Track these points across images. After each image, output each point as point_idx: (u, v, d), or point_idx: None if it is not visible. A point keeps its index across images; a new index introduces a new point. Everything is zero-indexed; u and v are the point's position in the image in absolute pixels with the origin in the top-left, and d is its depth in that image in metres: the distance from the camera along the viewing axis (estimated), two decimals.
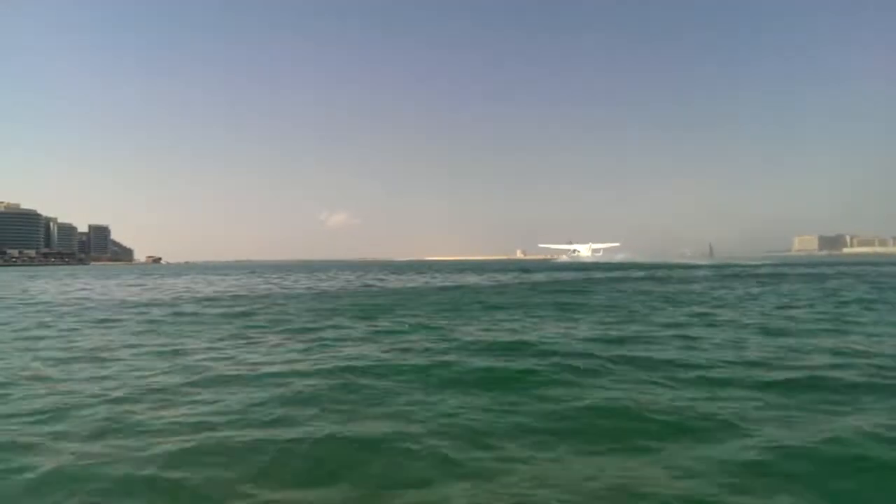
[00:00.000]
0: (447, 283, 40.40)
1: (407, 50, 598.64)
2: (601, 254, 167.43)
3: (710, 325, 15.77)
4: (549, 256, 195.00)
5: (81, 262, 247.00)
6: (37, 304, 26.84)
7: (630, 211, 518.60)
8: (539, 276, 51.88)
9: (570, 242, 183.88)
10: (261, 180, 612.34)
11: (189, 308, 23.12)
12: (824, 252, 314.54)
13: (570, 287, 34.71)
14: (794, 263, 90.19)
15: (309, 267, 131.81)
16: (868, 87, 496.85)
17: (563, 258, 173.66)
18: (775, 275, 48.58)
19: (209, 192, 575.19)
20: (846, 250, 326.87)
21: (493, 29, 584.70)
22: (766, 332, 14.11)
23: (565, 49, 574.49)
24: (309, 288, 37.00)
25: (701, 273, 55.83)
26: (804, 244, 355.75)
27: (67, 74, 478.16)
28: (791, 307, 20.59)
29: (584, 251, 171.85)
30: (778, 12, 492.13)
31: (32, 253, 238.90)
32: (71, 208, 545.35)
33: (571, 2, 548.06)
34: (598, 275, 54.40)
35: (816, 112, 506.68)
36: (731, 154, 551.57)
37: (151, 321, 18.18)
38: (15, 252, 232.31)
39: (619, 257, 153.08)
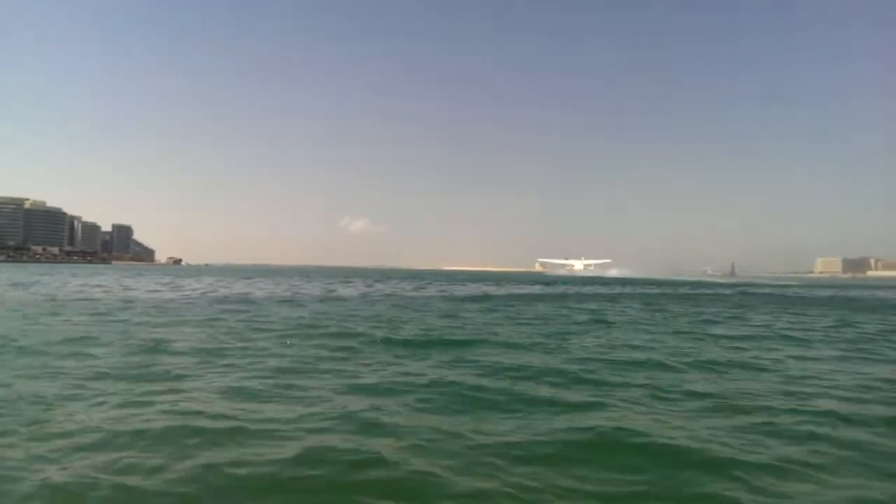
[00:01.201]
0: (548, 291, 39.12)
1: (431, 55, 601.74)
2: (592, 269, 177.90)
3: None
4: (546, 270, 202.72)
5: (104, 261, 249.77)
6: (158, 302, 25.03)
7: (645, 226, 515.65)
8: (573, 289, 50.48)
9: (566, 258, 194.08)
10: (281, 184, 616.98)
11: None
12: (848, 275, 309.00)
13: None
14: (834, 285, 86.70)
15: (343, 272, 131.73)
16: (893, 104, 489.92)
17: (561, 272, 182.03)
18: (821, 300, 42.79)
19: (229, 194, 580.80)
20: (870, 273, 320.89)
21: (522, 32, 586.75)
22: None
23: (597, 57, 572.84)
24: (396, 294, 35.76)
25: (727, 292, 53.51)
26: (827, 266, 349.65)
27: (96, 74, 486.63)
28: None
29: (578, 265, 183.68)
30: (806, 24, 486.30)
31: (56, 250, 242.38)
32: (95, 207, 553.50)
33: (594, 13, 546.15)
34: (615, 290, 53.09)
35: (841, 129, 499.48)
36: (754, 172, 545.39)
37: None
38: (39, 249, 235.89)
39: (612, 272, 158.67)
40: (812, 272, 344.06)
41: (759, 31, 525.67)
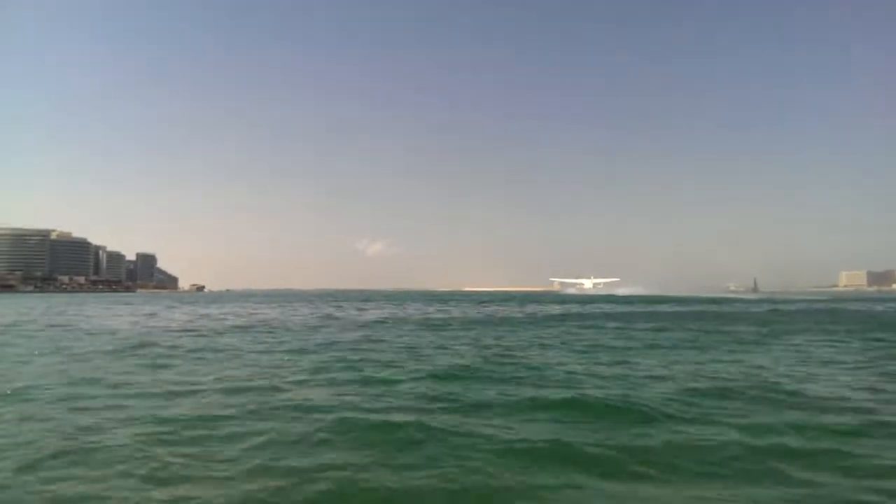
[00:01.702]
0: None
1: (446, 74, 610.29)
2: (601, 287, 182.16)
3: None
4: (556, 289, 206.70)
5: (128, 289, 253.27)
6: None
7: (658, 241, 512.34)
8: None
9: (578, 277, 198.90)
10: (300, 209, 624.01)
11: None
12: (873, 288, 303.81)
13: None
14: (864, 299, 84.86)
15: (370, 295, 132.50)
16: None
17: (571, 291, 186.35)
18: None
19: (248, 220, 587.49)
20: None
21: (534, 49, 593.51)
22: None
23: (606, 66, 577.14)
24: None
25: (757, 309, 51.59)
26: (852, 279, 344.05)
27: (118, 104, 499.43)
28: None
29: (588, 284, 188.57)
30: (825, 28, 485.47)
31: (82, 280, 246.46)
32: (119, 236, 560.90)
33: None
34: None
35: (864, 139, 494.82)
36: (771, 184, 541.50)
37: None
38: (65, 279, 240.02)
39: (621, 291, 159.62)
40: (836, 286, 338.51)
41: (775, 36, 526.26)
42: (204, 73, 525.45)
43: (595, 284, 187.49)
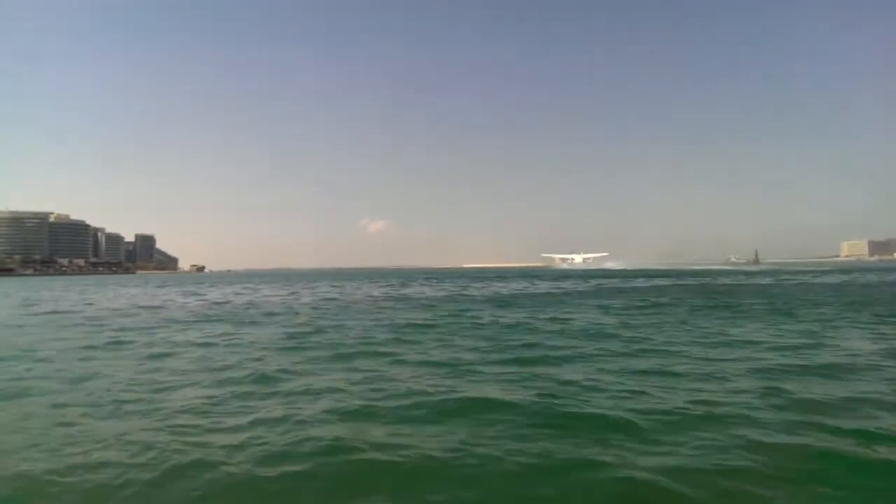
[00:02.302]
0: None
1: (444, 53, 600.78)
2: (591, 261, 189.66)
3: None
4: (552, 264, 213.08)
5: (128, 270, 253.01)
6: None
7: (655, 215, 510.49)
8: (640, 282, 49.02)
9: (571, 252, 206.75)
10: (301, 187, 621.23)
11: None
12: (875, 257, 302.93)
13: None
14: (874, 269, 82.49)
15: (379, 274, 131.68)
16: None
17: (563, 265, 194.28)
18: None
19: (249, 200, 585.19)
20: None
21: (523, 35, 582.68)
22: None
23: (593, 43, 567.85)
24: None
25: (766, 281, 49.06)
26: (853, 249, 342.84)
27: (114, 86, 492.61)
28: None
29: (578, 259, 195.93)
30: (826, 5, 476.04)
31: (81, 262, 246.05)
32: (118, 218, 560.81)
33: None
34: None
35: (864, 109, 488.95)
36: (772, 158, 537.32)
37: None
38: (65, 261, 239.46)
39: (609, 265, 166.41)
40: (838, 256, 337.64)
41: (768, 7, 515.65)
42: (204, 55, 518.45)
43: (585, 259, 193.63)
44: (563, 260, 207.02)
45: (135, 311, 25.93)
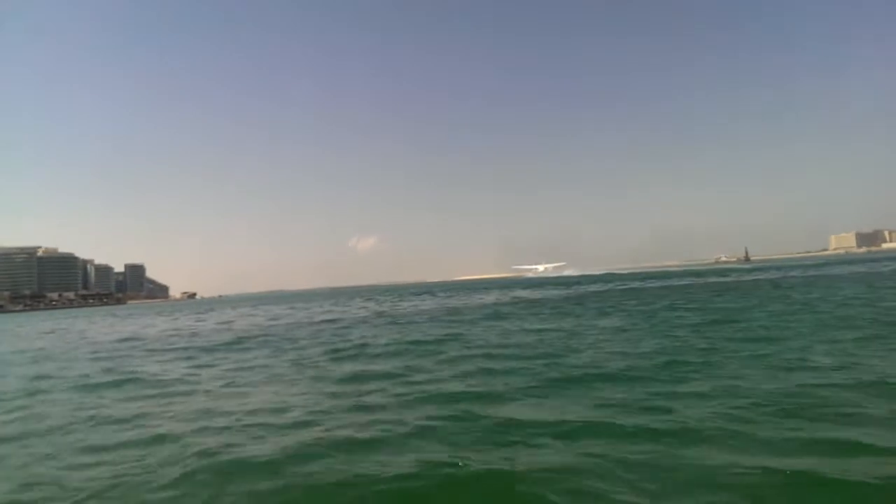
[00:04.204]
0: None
1: (433, 69, 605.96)
2: (551, 270, 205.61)
3: None
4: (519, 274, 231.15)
5: (119, 301, 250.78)
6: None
7: (645, 217, 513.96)
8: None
9: (535, 264, 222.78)
10: (284, 209, 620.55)
11: None
12: (863, 249, 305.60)
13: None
14: (865, 260, 79.66)
15: (370, 291, 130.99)
16: None
17: (530, 275, 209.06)
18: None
19: (237, 224, 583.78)
20: (885, 245, 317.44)
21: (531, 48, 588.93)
22: None
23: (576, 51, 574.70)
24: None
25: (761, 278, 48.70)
26: (841, 242, 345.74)
27: (97, 117, 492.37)
28: None
29: (541, 269, 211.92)
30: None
31: (72, 295, 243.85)
32: (106, 249, 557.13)
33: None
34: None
35: (846, 102, 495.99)
36: (754, 155, 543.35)
37: None
38: (55, 295, 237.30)
39: (568, 272, 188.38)
40: (826, 250, 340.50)
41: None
42: (189, 81, 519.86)
43: (545, 268, 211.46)
44: (528, 270, 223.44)
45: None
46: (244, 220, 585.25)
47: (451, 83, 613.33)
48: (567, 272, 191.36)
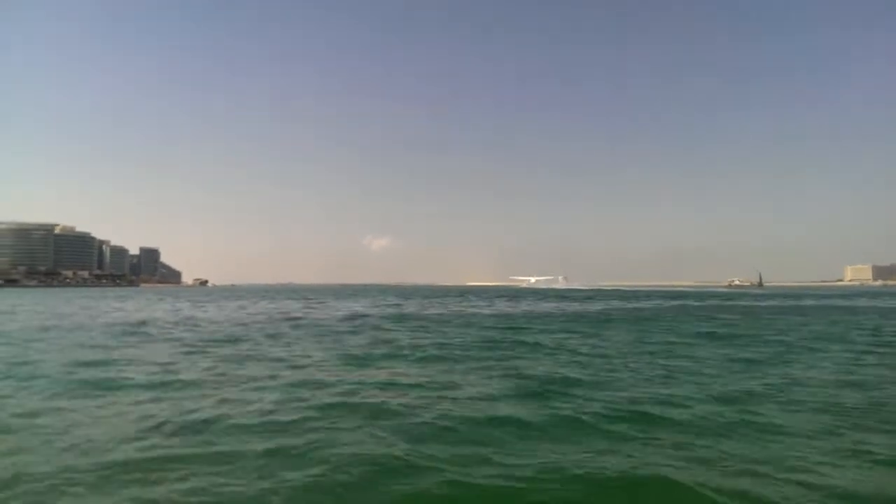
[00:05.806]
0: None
1: (451, 74, 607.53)
2: (543, 282, 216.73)
3: None
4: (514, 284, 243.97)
5: (132, 283, 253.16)
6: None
7: (654, 235, 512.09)
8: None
9: (531, 276, 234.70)
10: (306, 204, 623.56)
11: None
12: (879, 282, 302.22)
13: None
14: (882, 294, 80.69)
15: (378, 290, 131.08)
16: None
17: (524, 286, 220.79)
18: None
19: (253, 215, 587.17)
20: None
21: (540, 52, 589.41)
22: None
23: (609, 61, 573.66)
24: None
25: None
26: (857, 274, 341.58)
27: (121, 100, 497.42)
28: None
29: (533, 280, 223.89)
30: (831, 22, 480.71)
31: (86, 274, 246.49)
32: (123, 231, 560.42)
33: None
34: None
35: (868, 132, 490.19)
36: (767, 177, 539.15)
37: None
38: (69, 273, 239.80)
39: (558, 285, 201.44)
40: (841, 280, 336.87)
41: (765, 31, 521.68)
42: (206, 69, 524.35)
43: (537, 280, 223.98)
44: (523, 281, 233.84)
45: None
46: (257, 212, 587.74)
47: (495, 88, 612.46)
48: (558, 284, 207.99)
